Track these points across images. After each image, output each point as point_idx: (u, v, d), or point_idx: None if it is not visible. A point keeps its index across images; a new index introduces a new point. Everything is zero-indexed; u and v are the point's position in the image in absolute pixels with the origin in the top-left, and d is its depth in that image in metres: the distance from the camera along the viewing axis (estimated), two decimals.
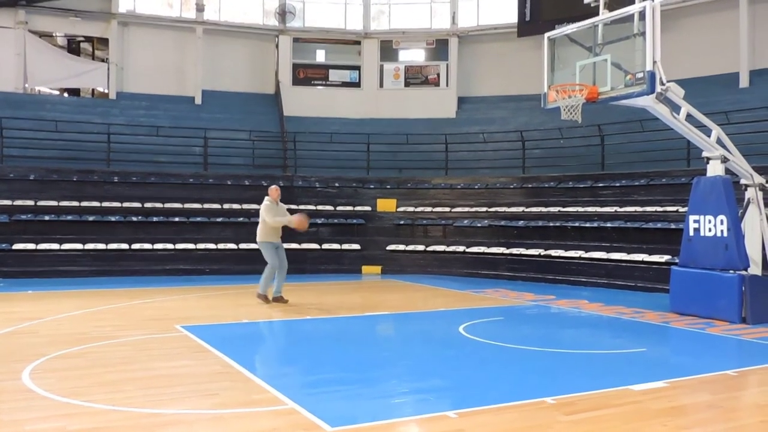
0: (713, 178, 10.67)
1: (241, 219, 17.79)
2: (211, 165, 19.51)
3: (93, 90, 23.88)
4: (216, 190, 18.32)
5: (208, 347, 7.72)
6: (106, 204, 17.16)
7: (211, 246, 17.21)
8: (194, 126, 20.62)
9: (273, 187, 12.11)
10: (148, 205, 17.48)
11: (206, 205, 17.90)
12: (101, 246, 16.43)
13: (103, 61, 23.08)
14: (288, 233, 12.40)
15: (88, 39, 23.67)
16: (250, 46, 24.11)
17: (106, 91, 22.74)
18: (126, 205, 17.34)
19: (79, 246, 16.29)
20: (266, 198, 11.95)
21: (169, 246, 16.98)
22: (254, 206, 18.08)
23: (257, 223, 17.46)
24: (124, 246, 16.62)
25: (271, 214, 11.63)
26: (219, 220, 17.71)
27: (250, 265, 17.07)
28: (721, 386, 6.33)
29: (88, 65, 22.91)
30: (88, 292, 12.96)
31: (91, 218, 16.71)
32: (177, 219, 17.44)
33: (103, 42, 23.24)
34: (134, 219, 17.13)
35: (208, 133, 20.21)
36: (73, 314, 10.10)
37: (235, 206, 18.06)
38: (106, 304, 11.23)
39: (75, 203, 16.92)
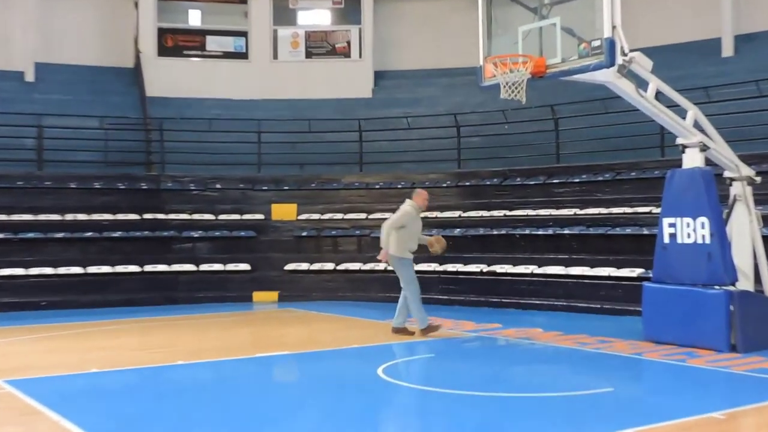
0: (690, 170, 10.92)
1: (89, 234, 17.34)
2: (48, 163, 18.90)
3: None
4: (55, 197, 17.79)
5: (42, 408, 7.43)
6: None
7: (49, 271, 16.71)
8: (24, 111, 19.91)
9: (421, 190, 12.27)
10: None
11: (42, 217, 17.32)
12: None
13: None
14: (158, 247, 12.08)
15: None
16: (101, 4, 23.60)
17: None
18: None
19: None
20: (409, 202, 12.09)
21: None
22: (107, 217, 17.78)
23: (111, 239, 17.47)
24: None
25: (400, 222, 11.85)
26: (59, 235, 17.20)
27: (101, 294, 16.74)
28: None
29: None
30: None
31: None
32: (1, 235, 16.87)
33: None
34: None
35: (44, 121, 19.55)
36: None
37: (82, 217, 17.56)
38: None
39: None
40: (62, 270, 16.79)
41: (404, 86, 23.93)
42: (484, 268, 16.39)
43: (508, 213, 17.14)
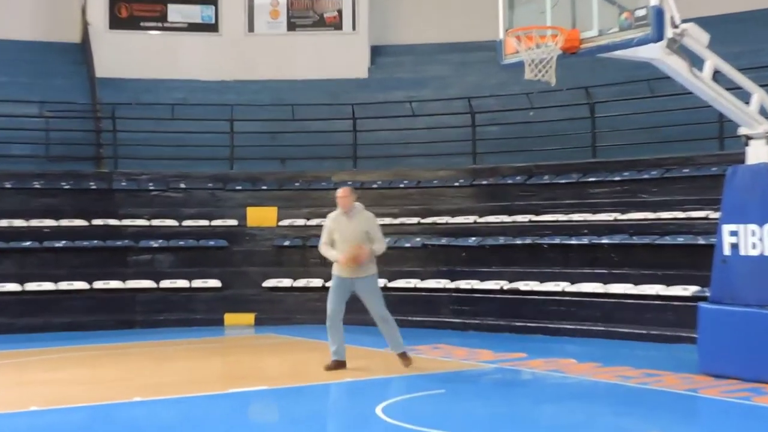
0: (756, 167, 10.87)
1: (27, 243, 17.32)
2: None
3: None
4: None
5: None
6: None
7: None
8: None
9: (342, 188, 12.03)
10: None
11: None
12: None
13: None
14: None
15: None
16: None
17: None
18: None
19: None
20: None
21: None
22: (48, 223, 17.73)
23: (53, 249, 17.41)
24: None
25: (325, 235, 11.84)
26: None
27: (42, 316, 16.69)
28: None
29: None
30: None
31: None
32: None
33: None
34: None
35: None
36: None
37: (18, 223, 17.55)
38: None
39: None
40: None
41: (407, 64, 23.91)
42: (505, 285, 16.33)
43: (533, 218, 17.09)
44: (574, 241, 16.17)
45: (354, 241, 11.50)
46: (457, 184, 18.56)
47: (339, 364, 11.59)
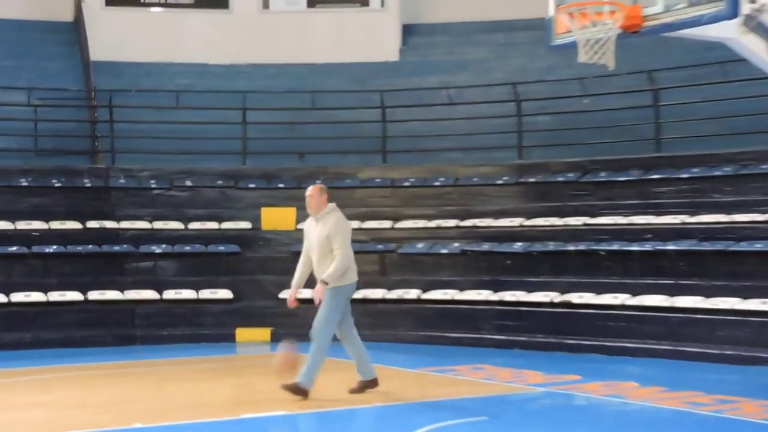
0: None
1: (14, 249, 17.45)
2: None
3: None
4: None
5: None
6: None
7: None
8: None
9: (310, 187, 11.78)
10: None
11: None
12: None
13: None
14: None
15: None
16: None
17: None
18: None
19: None
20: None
21: None
22: (37, 226, 17.86)
23: (43, 255, 17.54)
24: None
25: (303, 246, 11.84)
26: None
27: (30, 330, 16.76)
28: None
29: None
30: None
31: None
32: None
33: None
34: None
35: None
36: None
37: (3, 225, 17.68)
38: None
39: None
40: None
41: (443, 45, 23.93)
42: (556, 297, 16.31)
43: (588, 221, 17.11)
44: (635, 248, 16.16)
45: (319, 250, 11.37)
46: (500, 181, 18.60)
47: (367, 384, 11.51)
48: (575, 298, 16.11)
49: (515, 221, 17.80)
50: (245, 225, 18.90)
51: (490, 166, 19.00)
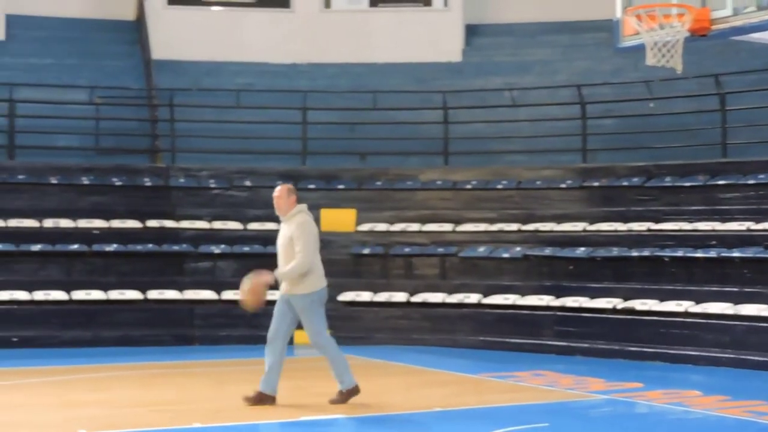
0: None
1: (75, 247, 17.58)
2: (21, 150, 19.29)
3: None
4: (30, 196, 18.18)
5: None
6: None
7: (22, 296, 16.94)
8: None
9: (278, 187, 11.56)
10: None
11: (12, 222, 17.69)
12: None
13: None
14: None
15: None
16: None
17: None
18: None
19: None
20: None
21: None
22: (98, 224, 18.02)
23: (103, 254, 17.66)
24: None
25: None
26: (36, 248, 17.49)
27: (89, 328, 16.94)
28: None
29: None
30: None
31: None
32: None
33: None
34: None
35: (17, 93, 19.94)
36: None
37: (65, 224, 17.85)
38: None
39: None
40: (39, 295, 16.96)
41: (507, 46, 23.87)
42: (619, 303, 16.18)
43: (653, 227, 16.98)
44: (699, 254, 15.98)
45: (283, 252, 11.25)
46: (563, 185, 18.50)
47: (262, 398, 11.08)
48: (638, 304, 15.98)
49: (578, 226, 17.71)
50: None
51: (554, 170, 18.92)
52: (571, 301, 16.65)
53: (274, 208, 11.38)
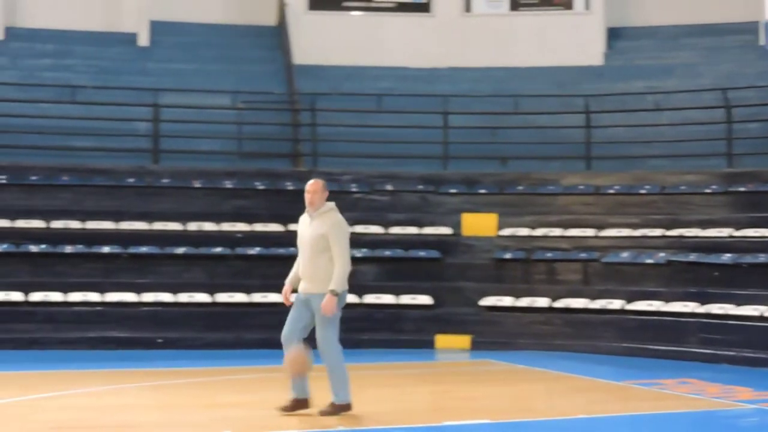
0: None
1: (218, 249, 17.87)
2: (166, 154, 19.71)
3: None
4: (175, 198, 18.51)
5: None
6: None
7: (167, 297, 17.31)
8: (136, 85, 20.79)
9: (311, 181, 11.03)
10: (56, 224, 17.68)
11: (157, 225, 18.04)
12: None
13: None
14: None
15: None
16: None
17: None
18: (18, 224, 17.58)
19: None
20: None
21: (93, 297, 17.09)
22: (241, 227, 18.32)
23: (246, 257, 17.92)
24: (16, 296, 16.76)
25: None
26: (180, 251, 17.83)
27: (233, 330, 17.22)
28: None
29: None
30: None
31: None
32: (106, 249, 17.59)
33: None
34: (32, 249, 17.32)
35: (162, 98, 20.35)
36: None
37: (208, 227, 18.16)
38: None
39: None
40: (183, 297, 17.32)
41: (649, 49, 23.64)
42: (766, 311, 15.81)
43: None
44: None
45: (311, 249, 10.58)
46: (708, 190, 18.26)
47: (299, 404, 10.71)
48: None
49: (724, 231, 17.43)
50: (446, 230, 18.93)
51: (698, 174, 18.65)
52: (716, 308, 16.35)
53: (306, 202, 10.72)
